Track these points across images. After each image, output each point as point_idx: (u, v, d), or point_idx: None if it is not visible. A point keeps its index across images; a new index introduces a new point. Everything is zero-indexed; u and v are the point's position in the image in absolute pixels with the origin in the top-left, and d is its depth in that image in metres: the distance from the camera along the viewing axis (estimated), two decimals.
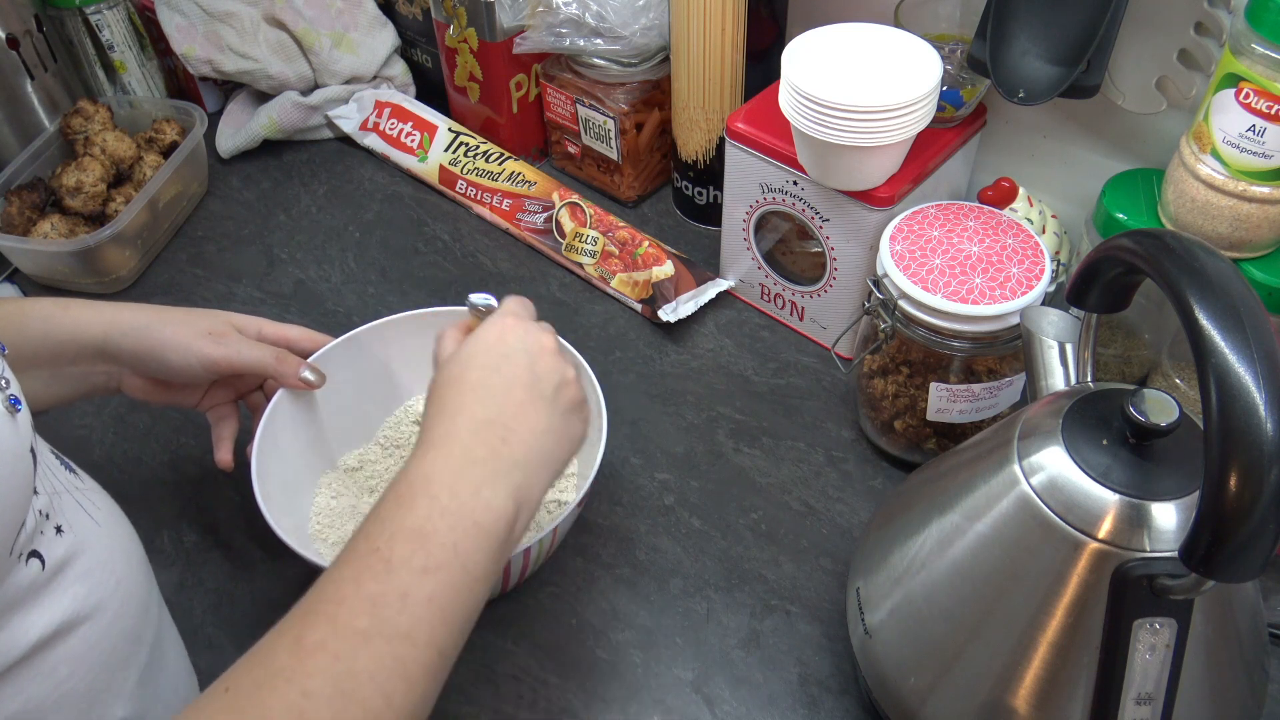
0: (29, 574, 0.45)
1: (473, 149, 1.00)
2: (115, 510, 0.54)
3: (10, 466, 0.42)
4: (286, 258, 0.96)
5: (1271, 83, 0.60)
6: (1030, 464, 0.47)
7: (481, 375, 0.53)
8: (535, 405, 0.54)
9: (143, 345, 0.63)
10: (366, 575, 0.45)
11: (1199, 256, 0.41)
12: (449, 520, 0.47)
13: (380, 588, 0.44)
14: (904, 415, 0.73)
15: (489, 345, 0.55)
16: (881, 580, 0.56)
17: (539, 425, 0.53)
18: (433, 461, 0.50)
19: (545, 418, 0.54)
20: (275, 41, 1.04)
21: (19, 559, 0.44)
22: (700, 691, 0.64)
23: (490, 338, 0.55)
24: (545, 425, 0.54)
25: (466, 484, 0.49)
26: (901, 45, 0.70)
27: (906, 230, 0.69)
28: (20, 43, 0.97)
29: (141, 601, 0.52)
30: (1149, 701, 0.46)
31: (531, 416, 0.53)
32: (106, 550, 0.50)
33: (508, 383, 0.53)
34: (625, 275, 0.89)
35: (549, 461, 0.54)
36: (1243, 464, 0.36)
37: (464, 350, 0.55)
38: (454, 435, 0.51)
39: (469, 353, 0.55)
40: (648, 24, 0.87)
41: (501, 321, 0.56)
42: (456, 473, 0.49)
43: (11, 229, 0.91)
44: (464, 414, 0.52)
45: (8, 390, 0.44)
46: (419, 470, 0.50)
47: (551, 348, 0.57)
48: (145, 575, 0.54)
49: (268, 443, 0.66)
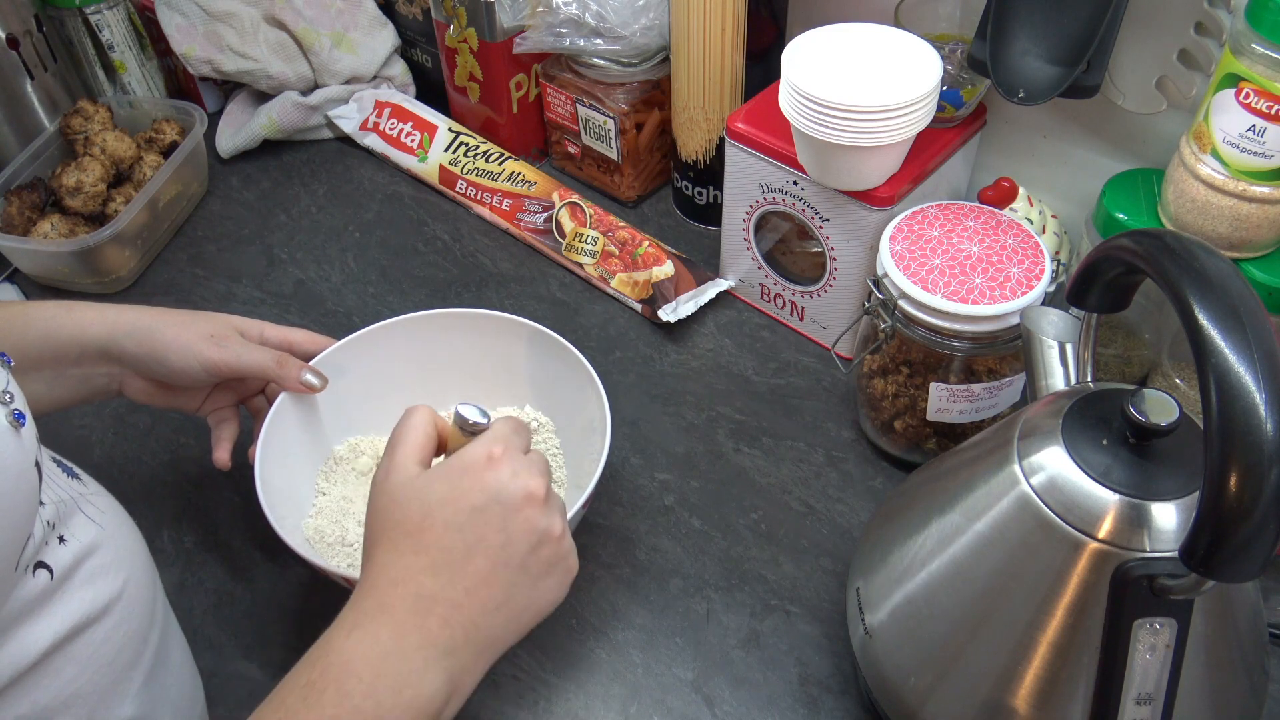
0: (37, 585, 0.45)
1: (473, 149, 1.00)
2: (119, 512, 0.54)
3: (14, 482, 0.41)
4: (286, 258, 0.96)
5: (1271, 83, 0.60)
6: (1030, 464, 0.47)
7: (442, 534, 0.46)
8: (496, 576, 0.47)
9: (145, 346, 0.63)
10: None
11: (1199, 256, 0.41)
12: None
13: None
14: (904, 415, 0.73)
15: (463, 489, 0.47)
16: (881, 580, 0.56)
17: (493, 601, 0.47)
18: (356, 644, 0.44)
19: (504, 592, 0.47)
20: (275, 41, 1.04)
21: (26, 571, 0.44)
22: (700, 691, 0.64)
23: (467, 480, 0.47)
24: (502, 599, 0.47)
25: (389, 679, 0.43)
26: (901, 45, 0.70)
27: (906, 230, 0.69)
28: (20, 43, 0.97)
29: (147, 602, 0.52)
30: (1149, 701, 0.46)
31: (487, 592, 0.47)
32: (112, 553, 0.50)
33: (469, 548, 0.46)
34: (625, 275, 0.89)
35: (496, 642, 0.48)
36: (1243, 464, 0.36)
37: (434, 488, 0.47)
38: (388, 610, 0.45)
39: (439, 495, 0.47)
40: (648, 24, 0.87)
41: (488, 452, 0.48)
42: (380, 663, 0.44)
43: (11, 229, 0.91)
44: (407, 584, 0.46)
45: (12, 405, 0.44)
46: (339, 653, 0.44)
47: (538, 496, 0.48)
48: (150, 575, 0.54)
49: (270, 446, 0.66)
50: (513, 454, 0.49)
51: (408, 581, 0.46)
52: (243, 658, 0.67)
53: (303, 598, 0.70)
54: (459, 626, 0.46)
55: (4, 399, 0.43)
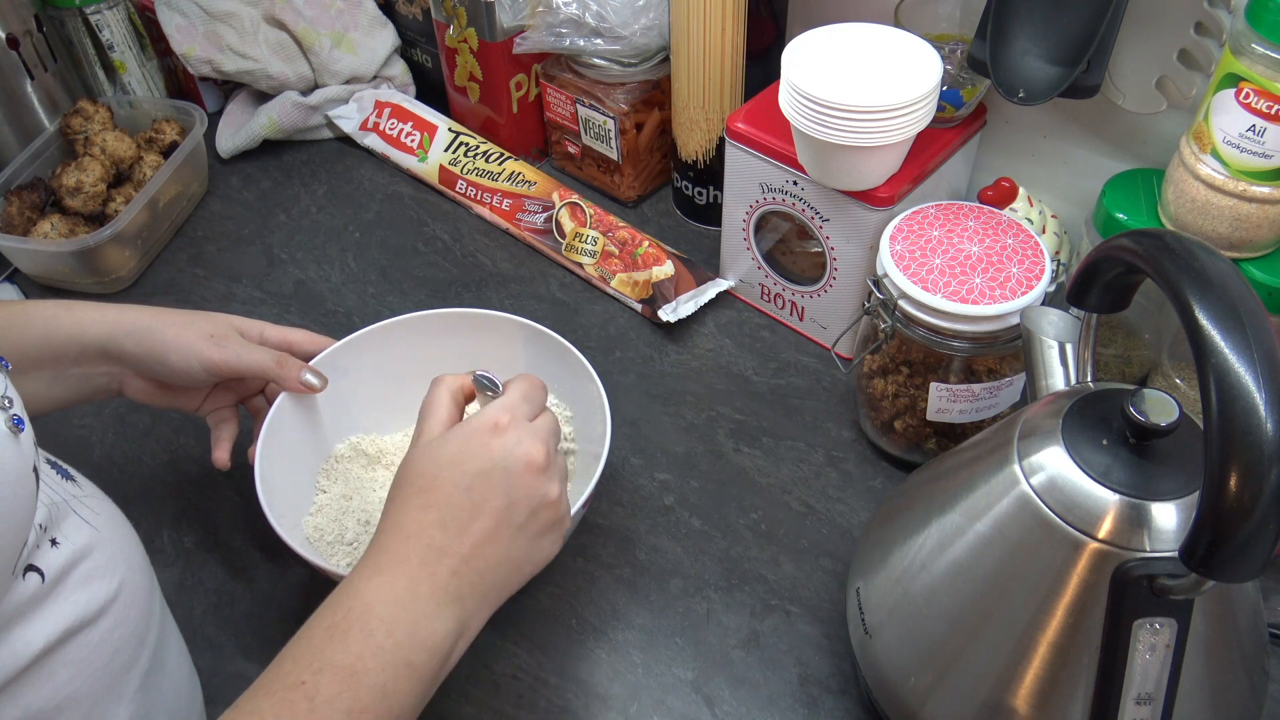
0: (28, 588, 0.44)
1: (473, 149, 1.00)
2: (115, 514, 0.54)
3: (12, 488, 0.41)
4: (286, 258, 0.96)
5: (1271, 83, 0.60)
6: (1030, 464, 0.47)
7: (450, 493, 0.51)
8: (499, 535, 0.51)
9: (145, 346, 0.63)
10: (287, 713, 0.44)
11: (1199, 256, 0.41)
12: (381, 659, 0.46)
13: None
14: (904, 415, 0.73)
15: (470, 454, 0.52)
16: (881, 580, 0.56)
17: (497, 557, 0.51)
18: (376, 589, 0.48)
19: (506, 549, 0.52)
20: (275, 41, 1.04)
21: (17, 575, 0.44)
22: (700, 691, 0.64)
23: (474, 445, 0.52)
24: (504, 556, 0.52)
25: (406, 621, 0.48)
26: (901, 45, 0.70)
27: (906, 230, 0.69)
28: (20, 43, 0.97)
29: (143, 604, 0.52)
30: (1149, 701, 0.46)
31: (491, 548, 0.51)
32: (107, 556, 0.50)
33: (475, 507, 0.51)
34: (625, 275, 0.89)
35: (500, 590, 0.52)
36: (1243, 464, 0.36)
37: (444, 449, 0.52)
38: (404, 561, 0.49)
39: (448, 456, 0.52)
40: (648, 24, 0.87)
41: (495, 420, 0.53)
42: (398, 606, 0.48)
43: (11, 229, 0.91)
44: (419, 537, 0.50)
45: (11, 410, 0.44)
46: (359, 597, 0.48)
47: (538, 463, 0.53)
48: (147, 577, 0.54)
49: (270, 446, 0.66)
50: (518, 423, 0.53)
51: (419, 535, 0.50)
52: (243, 658, 0.67)
53: (303, 598, 0.70)
54: (466, 577, 0.50)
55: (3, 404, 0.43)
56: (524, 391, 0.55)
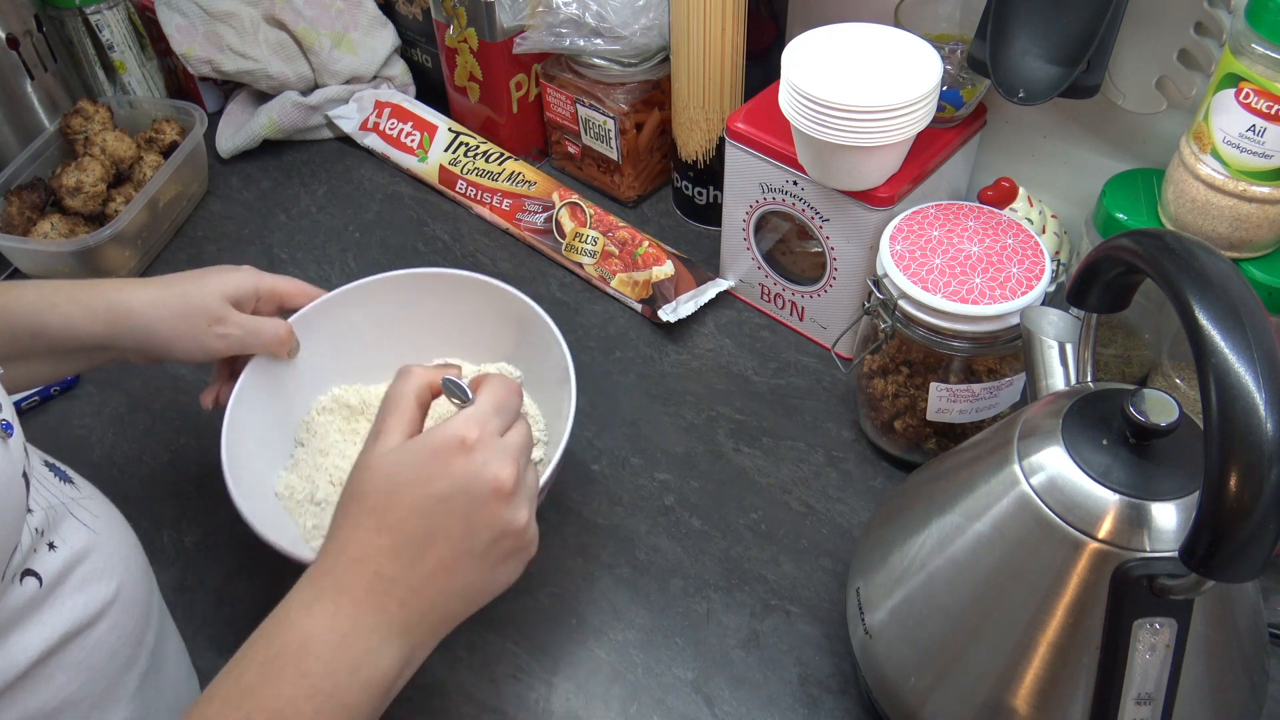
0: (25, 592, 0.44)
1: (473, 149, 1.00)
2: (114, 515, 0.54)
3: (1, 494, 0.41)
4: (286, 258, 0.96)
5: (1271, 83, 0.60)
6: (1030, 464, 0.47)
7: (406, 517, 0.46)
8: (456, 564, 0.47)
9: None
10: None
11: (1199, 256, 0.41)
12: (316, 703, 0.43)
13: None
14: (904, 415, 0.73)
15: (431, 474, 0.47)
16: (881, 580, 0.56)
17: (451, 587, 0.47)
18: (316, 621, 0.44)
19: (462, 578, 0.47)
20: (275, 41, 1.04)
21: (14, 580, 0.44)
22: (700, 691, 0.64)
23: (436, 464, 0.47)
24: (459, 586, 0.48)
25: (346, 659, 0.44)
26: (901, 45, 0.70)
27: (906, 230, 0.69)
28: (20, 43, 0.97)
29: (142, 605, 0.52)
30: (1149, 701, 0.46)
31: (445, 578, 0.47)
32: (105, 558, 0.50)
33: (432, 533, 0.46)
34: (625, 275, 0.89)
35: (452, 619, 0.49)
36: (1243, 464, 0.36)
37: (403, 465, 0.47)
38: (348, 590, 0.45)
39: (407, 474, 0.47)
40: (648, 24, 0.87)
41: (462, 435, 0.47)
42: (338, 645, 0.44)
43: (11, 229, 0.91)
44: (368, 563, 0.46)
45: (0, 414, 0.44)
46: (297, 630, 0.44)
47: (505, 488, 0.47)
48: (145, 578, 0.54)
49: (241, 407, 0.67)
50: (487, 440, 0.48)
51: (368, 561, 0.46)
52: None
53: None
54: (415, 608, 0.46)
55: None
56: (497, 401, 0.50)
